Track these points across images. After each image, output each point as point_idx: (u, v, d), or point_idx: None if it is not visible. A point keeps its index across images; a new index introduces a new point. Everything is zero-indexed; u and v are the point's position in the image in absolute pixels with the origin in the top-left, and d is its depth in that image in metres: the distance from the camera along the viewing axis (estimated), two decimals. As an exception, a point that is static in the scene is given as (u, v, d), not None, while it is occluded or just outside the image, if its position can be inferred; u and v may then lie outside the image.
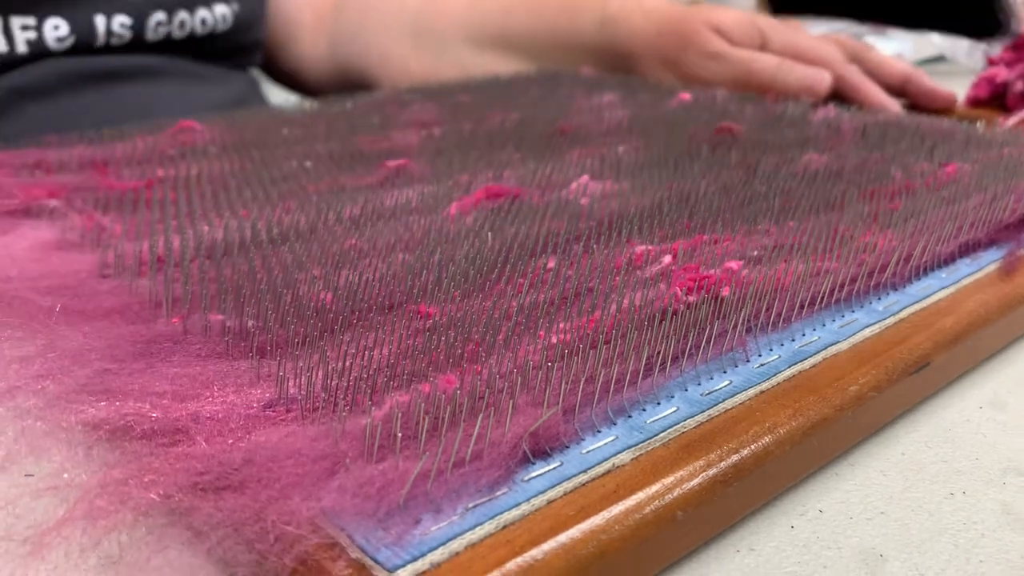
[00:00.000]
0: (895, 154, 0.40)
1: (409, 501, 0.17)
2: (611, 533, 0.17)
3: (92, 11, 0.56)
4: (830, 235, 0.29)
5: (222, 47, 0.65)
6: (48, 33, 0.54)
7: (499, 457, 0.18)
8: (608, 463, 0.19)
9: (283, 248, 0.28)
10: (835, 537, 0.21)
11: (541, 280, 0.26)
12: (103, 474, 0.17)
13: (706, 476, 0.19)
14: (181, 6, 0.60)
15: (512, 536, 0.17)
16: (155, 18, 0.59)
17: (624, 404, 0.21)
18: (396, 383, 0.20)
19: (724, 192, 0.35)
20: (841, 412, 0.22)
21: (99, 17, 0.56)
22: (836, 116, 0.48)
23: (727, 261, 0.27)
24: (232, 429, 0.18)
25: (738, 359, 0.23)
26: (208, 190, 0.35)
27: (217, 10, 0.63)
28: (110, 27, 0.57)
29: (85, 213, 0.33)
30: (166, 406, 0.19)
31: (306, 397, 0.20)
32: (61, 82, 0.56)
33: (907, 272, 0.28)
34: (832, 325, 0.25)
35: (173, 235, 0.30)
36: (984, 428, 0.25)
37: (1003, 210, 0.32)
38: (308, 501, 0.16)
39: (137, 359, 0.21)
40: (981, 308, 0.27)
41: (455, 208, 0.33)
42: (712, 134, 0.45)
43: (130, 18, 0.57)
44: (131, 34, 0.58)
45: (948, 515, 0.21)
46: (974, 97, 0.59)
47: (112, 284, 0.26)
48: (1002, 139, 0.42)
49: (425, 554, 0.16)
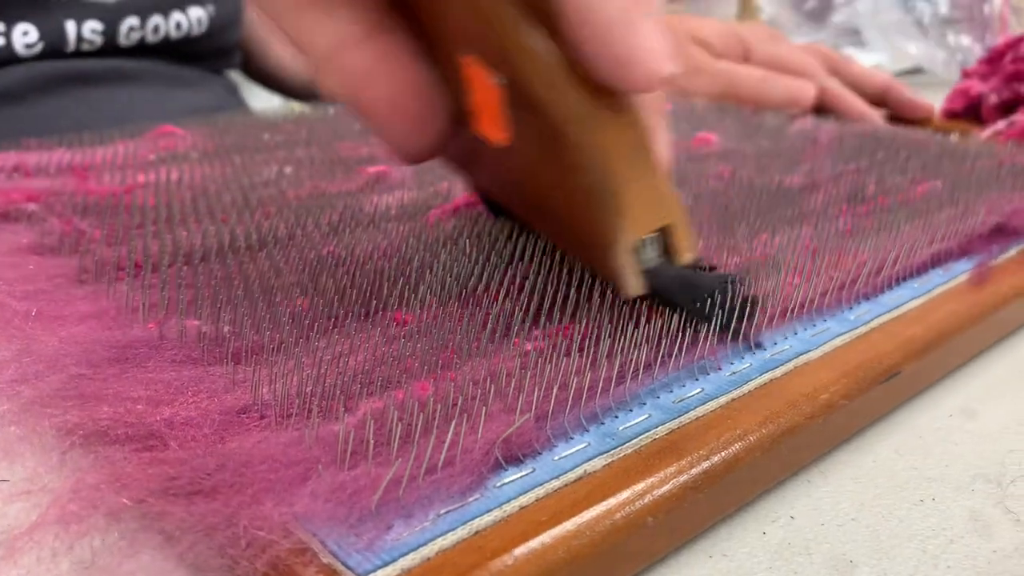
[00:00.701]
0: (870, 165, 0.41)
1: (381, 507, 0.17)
2: (582, 539, 0.18)
3: (63, 17, 0.55)
4: (804, 247, 0.30)
5: (198, 50, 0.65)
6: (17, 39, 0.54)
7: (471, 463, 0.18)
8: (580, 469, 0.19)
9: (261, 254, 0.29)
10: (806, 543, 0.21)
11: (517, 288, 0.26)
12: (76, 479, 0.17)
13: (677, 482, 0.19)
14: (154, 10, 0.60)
15: (484, 542, 0.17)
16: (127, 23, 0.58)
17: (597, 411, 0.21)
18: (370, 390, 0.20)
19: (700, 204, 0.35)
20: (812, 420, 0.22)
21: (70, 23, 0.56)
22: (813, 127, 0.49)
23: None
24: (206, 434, 0.18)
25: (710, 367, 0.23)
26: (188, 195, 0.35)
27: (192, 13, 0.62)
28: (80, 33, 0.56)
29: (63, 218, 0.33)
30: (140, 411, 0.19)
31: (280, 403, 0.20)
32: (33, 86, 0.55)
33: (879, 282, 0.29)
34: (804, 334, 0.26)
35: (151, 240, 0.30)
36: (954, 436, 0.26)
37: (975, 221, 0.33)
38: (280, 506, 0.16)
39: (112, 364, 0.21)
40: (951, 318, 0.28)
41: (434, 215, 0.33)
42: (690, 145, 0.45)
43: (102, 24, 0.57)
44: (103, 39, 0.57)
45: (918, 521, 0.22)
46: (949, 109, 0.60)
47: (89, 289, 0.26)
48: (976, 151, 0.43)
49: (396, 559, 0.16)
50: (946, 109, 0.60)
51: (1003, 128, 0.52)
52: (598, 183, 0.21)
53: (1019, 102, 0.55)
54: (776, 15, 0.83)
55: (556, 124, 0.21)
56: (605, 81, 0.20)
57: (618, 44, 0.19)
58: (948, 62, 0.75)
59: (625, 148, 0.21)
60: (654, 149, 0.22)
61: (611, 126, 0.21)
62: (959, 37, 0.75)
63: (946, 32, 0.76)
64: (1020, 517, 0.22)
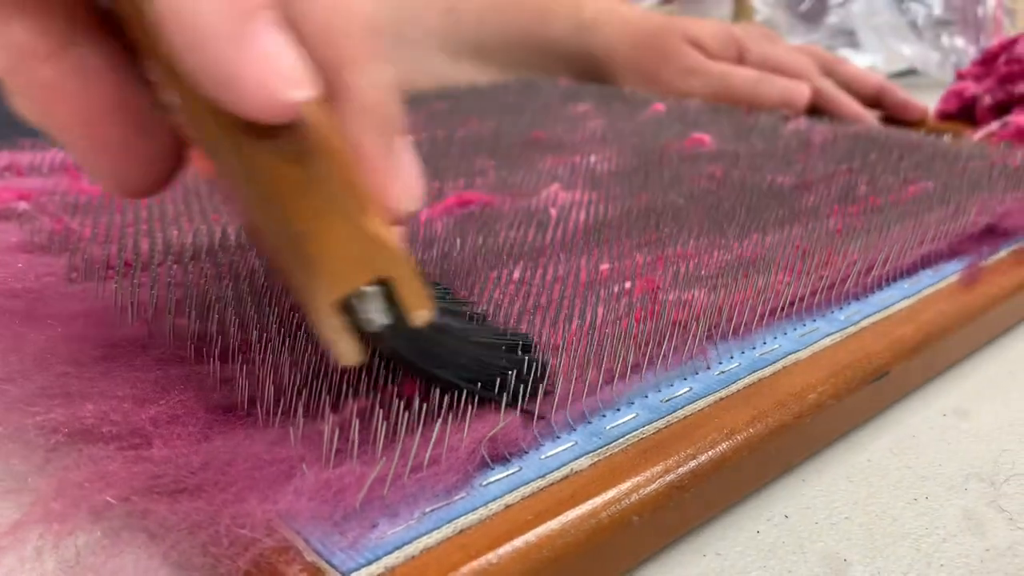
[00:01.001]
0: (863, 166, 0.41)
1: (365, 505, 0.17)
2: (567, 538, 0.17)
3: None
4: (794, 247, 0.30)
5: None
6: None
7: (457, 462, 0.18)
8: (566, 468, 0.19)
9: (251, 253, 0.29)
10: (800, 542, 0.21)
11: (507, 289, 0.26)
12: (60, 477, 0.17)
13: (663, 481, 0.19)
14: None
15: (468, 540, 0.17)
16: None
17: (584, 410, 0.21)
18: (356, 388, 0.20)
19: (692, 203, 0.35)
20: (800, 419, 0.22)
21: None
22: (807, 128, 0.49)
23: (689, 287, 0.27)
24: (191, 432, 0.18)
25: (699, 366, 0.23)
26: (180, 195, 0.35)
27: None
28: None
29: (54, 216, 0.32)
30: (126, 410, 0.19)
31: (266, 401, 0.20)
32: None
33: (869, 282, 0.29)
34: (793, 334, 0.26)
35: (142, 239, 0.30)
36: (947, 435, 0.26)
37: (966, 222, 0.33)
38: (264, 504, 0.16)
39: (99, 363, 0.21)
40: (940, 318, 0.28)
41: (425, 215, 0.33)
42: (684, 145, 0.45)
43: None
44: None
45: (911, 520, 0.22)
46: (944, 111, 0.60)
47: (78, 288, 0.26)
48: (968, 152, 0.43)
49: (380, 557, 0.16)
50: (940, 110, 0.60)
51: (997, 129, 0.52)
52: (283, 225, 0.17)
53: (1013, 103, 0.55)
54: (771, 16, 0.83)
55: (223, 156, 0.18)
56: (220, 105, 0.16)
57: (220, 60, 0.15)
58: (942, 64, 0.75)
59: (311, 185, 0.17)
60: (369, 186, 0.18)
61: (284, 159, 0.17)
62: (953, 39, 0.75)
63: (940, 34, 0.76)
64: (1013, 516, 0.22)
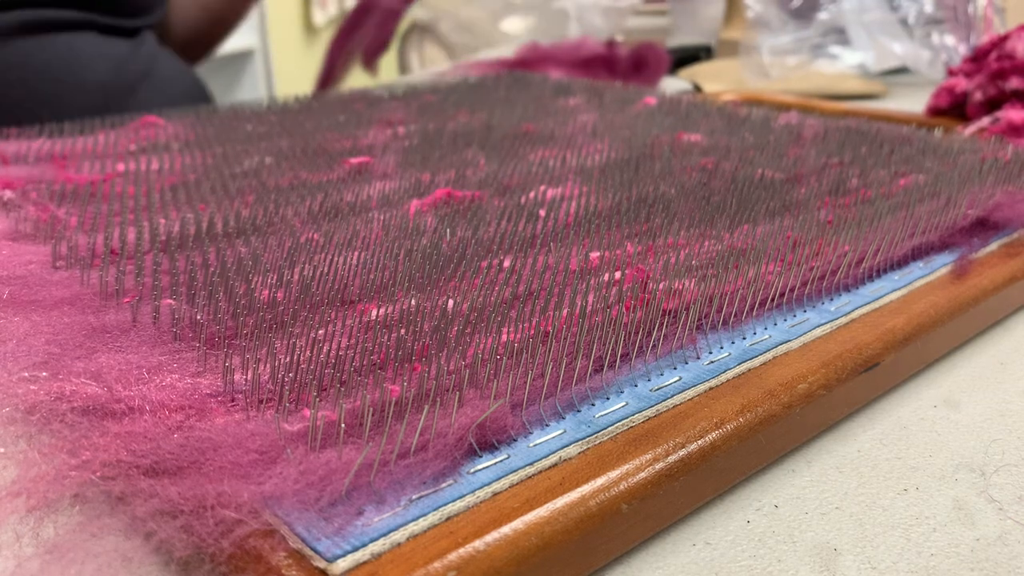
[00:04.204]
0: (853, 159, 0.41)
1: (352, 492, 0.17)
2: (555, 525, 0.17)
3: None
4: (784, 239, 0.30)
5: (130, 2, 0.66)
6: None
7: (445, 449, 0.18)
8: (555, 456, 0.19)
9: (238, 241, 0.28)
10: (790, 531, 0.21)
11: (495, 279, 0.26)
12: (41, 456, 0.17)
13: (652, 470, 0.19)
14: None
15: (455, 527, 0.17)
16: None
17: (573, 399, 0.21)
18: (343, 376, 0.20)
19: (683, 195, 0.35)
20: (789, 409, 0.22)
21: None
22: (798, 122, 0.49)
23: (678, 276, 0.27)
24: (176, 415, 0.18)
25: (689, 356, 0.23)
26: (167, 184, 0.35)
27: None
28: None
29: (40, 205, 0.32)
30: (108, 392, 0.19)
31: (252, 387, 0.19)
32: None
33: (860, 274, 0.29)
34: (783, 324, 0.26)
35: (128, 228, 0.30)
36: (938, 426, 0.25)
37: (957, 215, 0.33)
38: (249, 486, 0.16)
39: (84, 346, 0.21)
40: (931, 309, 0.27)
41: (415, 206, 0.33)
42: (675, 138, 0.45)
43: None
44: None
45: (901, 510, 0.22)
46: (935, 107, 0.60)
47: (64, 275, 0.26)
48: (958, 146, 0.43)
49: (366, 544, 0.16)
50: (932, 106, 0.60)
51: (987, 124, 0.52)
52: None
53: (1004, 99, 0.55)
54: (762, 13, 0.83)
55: None
56: None
57: None
58: (933, 61, 0.75)
59: None
60: None
61: None
62: (944, 37, 0.75)
63: (931, 32, 0.76)
64: (1003, 506, 0.22)
